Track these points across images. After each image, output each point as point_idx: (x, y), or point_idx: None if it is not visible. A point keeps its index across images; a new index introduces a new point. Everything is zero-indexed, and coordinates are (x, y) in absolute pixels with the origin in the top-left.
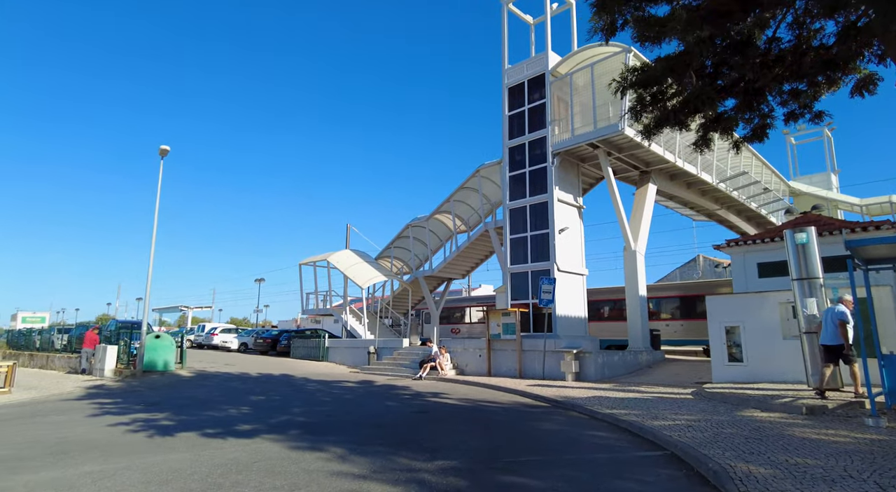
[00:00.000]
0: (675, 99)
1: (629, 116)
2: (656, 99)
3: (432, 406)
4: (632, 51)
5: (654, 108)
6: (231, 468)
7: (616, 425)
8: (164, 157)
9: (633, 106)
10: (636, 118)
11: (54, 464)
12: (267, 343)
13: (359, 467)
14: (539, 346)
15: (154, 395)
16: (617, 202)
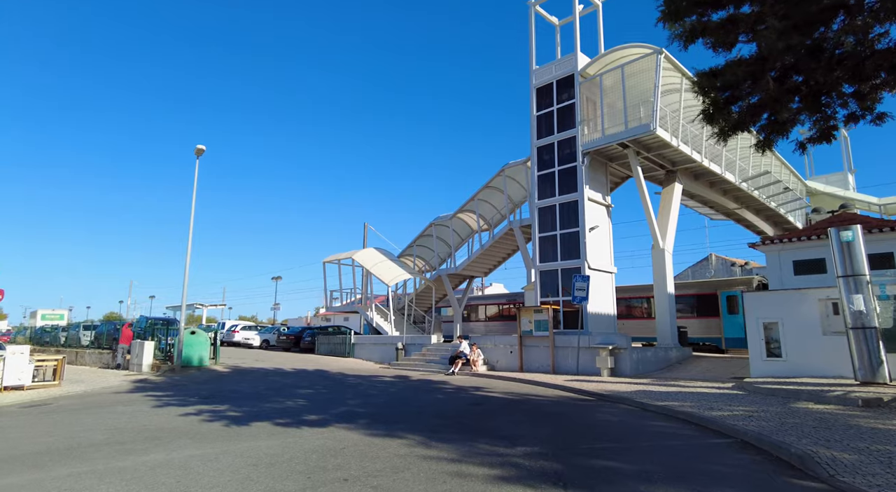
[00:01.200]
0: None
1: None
2: (729, 103)
3: (482, 399)
4: (663, 52)
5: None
6: (325, 453)
7: (673, 416)
8: (200, 156)
9: (706, 110)
10: (710, 122)
11: (155, 448)
12: (290, 340)
13: (447, 453)
14: (572, 342)
15: (202, 389)
16: (646, 201)
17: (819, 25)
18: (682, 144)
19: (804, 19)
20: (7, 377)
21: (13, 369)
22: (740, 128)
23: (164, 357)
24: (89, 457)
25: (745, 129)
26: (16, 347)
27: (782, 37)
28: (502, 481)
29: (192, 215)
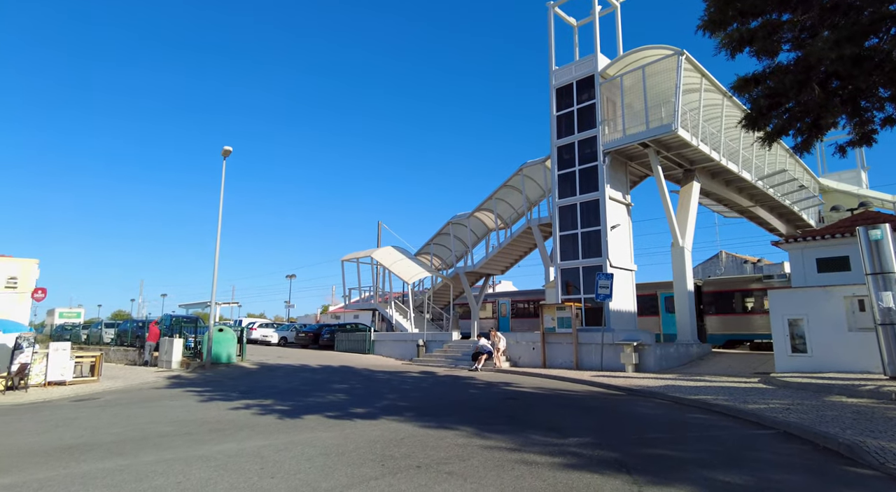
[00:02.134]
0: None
1: (746, 124)
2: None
3: (515, 394)
4: (684, 54)
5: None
6: (387, 443)
7: (711, 409)
8: (227, 157)
9: (750, 115)
10: (753, 127)
11: (224, 439)
12: (308, 337)
13: (504, 443)
14: (595, 339)
15: (239, 384)
16: (666, 200)
17: (869, 36)
18: (701, 144)
19: (856, 30)
20: (51, 373)
21: (56, 365)
22: (784, 132)
23: (191, 354)
24: (166, 445)
25: (788, 133)
26: (58, 344)
27: (835, 47)
28: (568, 468)
29: (219, 215)
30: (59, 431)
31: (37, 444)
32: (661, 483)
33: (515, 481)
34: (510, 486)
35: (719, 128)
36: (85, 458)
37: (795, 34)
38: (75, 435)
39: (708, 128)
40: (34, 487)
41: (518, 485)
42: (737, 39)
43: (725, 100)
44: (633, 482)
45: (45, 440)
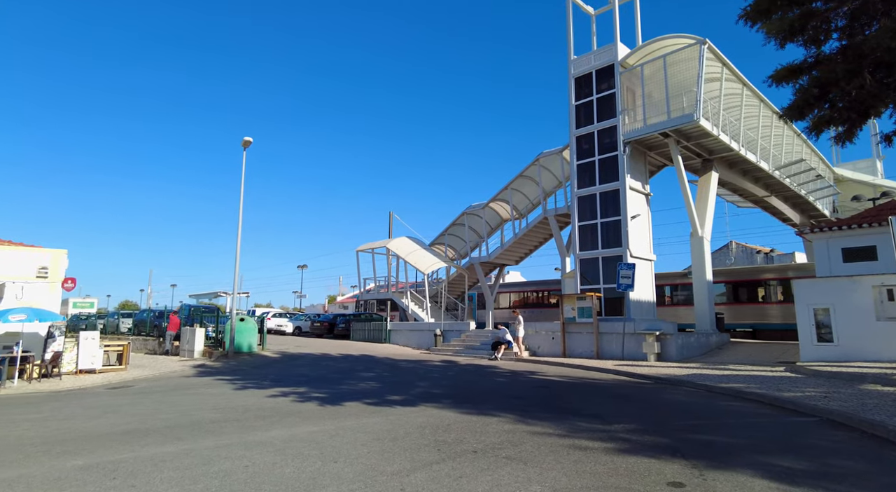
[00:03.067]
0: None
1: (790, 114)
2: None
3: (543, 382)
4: (707, 43)
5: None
6: (435, 429)
7: (745, 397)
8: (247, 148)
9: (797, 104)
10: (800, 117)
11: (272, 425)
12: (324, 327)
13: (550, 429)
14: (615, 328)
15: (267, 373)
16: (686, 190)
17: None
18: (722, 134)
19: None
20: (81, 361)
21: (86, 354)
22: (832, 122)
23: (212, 343)
24: (218, 431)
25: (836, 123)
26: (87, 333)
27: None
28: (623, 453)
29: (240, 206)
30: (109, 417)
31: (93, 428)
32: (721, 468)
33: (575, 465)
34: (571, 470)
35: (738, 117)
36: (146, 442)
37: (847, 23)
38: (126, 421)
39: (727, 117)
40: (108, 468)
41: (579, 469)
42: (787, 28)
43: (745, 89)
44: (692, 467)
45: (100, 425)
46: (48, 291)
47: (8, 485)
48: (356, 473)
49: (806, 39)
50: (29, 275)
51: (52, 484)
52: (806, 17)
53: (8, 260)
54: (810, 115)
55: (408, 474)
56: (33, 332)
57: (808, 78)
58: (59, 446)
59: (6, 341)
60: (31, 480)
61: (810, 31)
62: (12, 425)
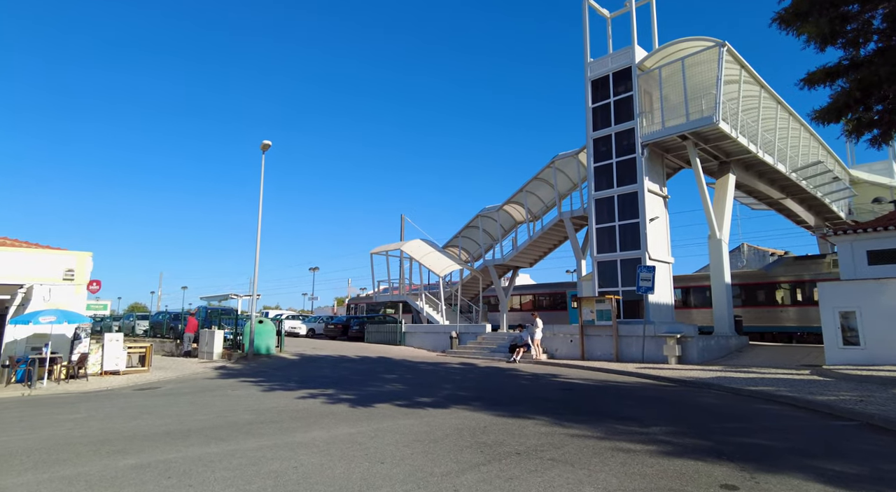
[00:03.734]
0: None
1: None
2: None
3: (568, 385)
4: (725, 45)
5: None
6: (473, 431)
7: (776, 400)
8: (266, 151)
9: (835, 106)
10: (837, 119)
11: (309, 426)
12: (338, 328)
13: (588, 431)
14: (636, 331)
15: (289, 374)
16: (704, 192)
17: None
18: (740, 136)
19: None
20: (106, 362)
21: (111, 355)
22: (874, 124)
23: (230, 345)
24: (258, 433)
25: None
26: (111, 335)
27: None
28: (667, 455)
29: (259, 209)
30: (146, 418)
31: (135, 429)
32: (771, 471)
33: (622, 468)
34: (619, 471)
35: (756, 119)
36: (189, 443)
37: (890, 25)
38: (164, 422)
39: (745, 119)
40: (161, 468)
41: (627, 471)
42: (828, 31)
43: (763, 92)
44: (740, 469)
45: (140, 426)
46: (74, 293)
47: (69, 482)
48: (406, 474)
49: (845, 42)
50: (56, 277)
51: (110, 482)
52: (844, 20)
53: (35, 262)
54: (845, 118)
55: (457, 475)
56: (60, 333)
57: (850, 80)
58: (106, 446)
59: (35, 343)
60: (89, 478)
61: (850, 34)
62: (57, 424)
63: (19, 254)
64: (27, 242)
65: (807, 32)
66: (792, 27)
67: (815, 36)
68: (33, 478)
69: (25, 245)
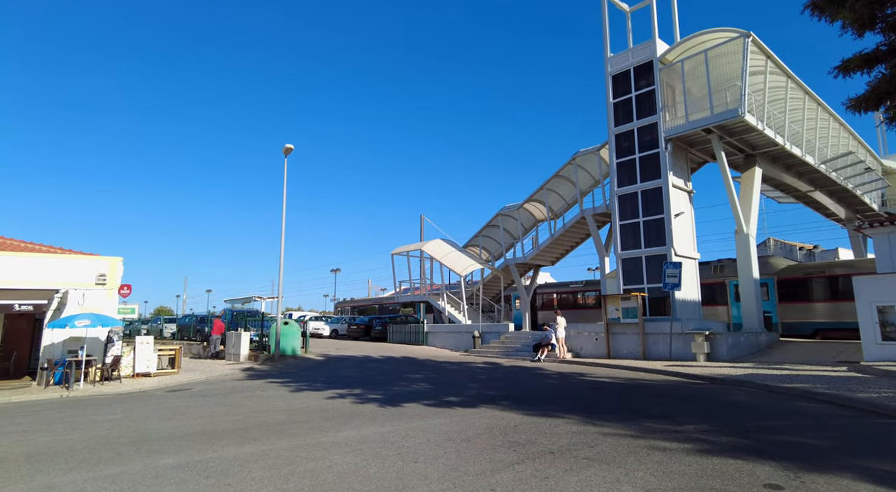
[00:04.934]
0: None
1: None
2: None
3: (595, 383)
4: (751, 36)
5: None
6: (504, 430)
7: (814, 398)
8: (288, 155)
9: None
10: (876, 105)
11: (340, 426)
12: (361, 329)
13: (621, 430)
14: (662, 329)
15: (316, 375)
16: (730, 187)
17: None
18: (766, 128)
19: None
20: (138, 365)
21: (142, 358)
22: None
23: (256, 347)
24: (290, 433)
25: None
26: (142, 338)
27: None
28: (706, 453)
29: (283, 213)
30: (180, 418)
31: (171, 429)
32: (816, 471)
33: (659, 466)
34: (657, 470)
35: (783, 110)
36: (224, 443)
37: None
38: (198, 423)
39: (772, 111)
40: (199, 467)
41: (665, 470)
42: (866, 16)
43: (790, 82)
44: (784, 469)
45: (175, 426)
46: (106, 298)
47: (112, 481)
48: (441, 473)
49: (884, 27)
50: (88, 282)
51: (152, 481)
52: (882, 3)
53: (70, 268)
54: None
55: (491, 474)
56: (94, 337)
57: (890, 66)
58: (145, 446)
59: (71, 346)
60: (132, 477)
61: (890, 18)
62: (96, 425)
63: (55, 260)
64: (61, 247)
65: (843, 18)
66: (826, 13)
67: (853, 21)
68: (79, 477)
69: (60, 251)
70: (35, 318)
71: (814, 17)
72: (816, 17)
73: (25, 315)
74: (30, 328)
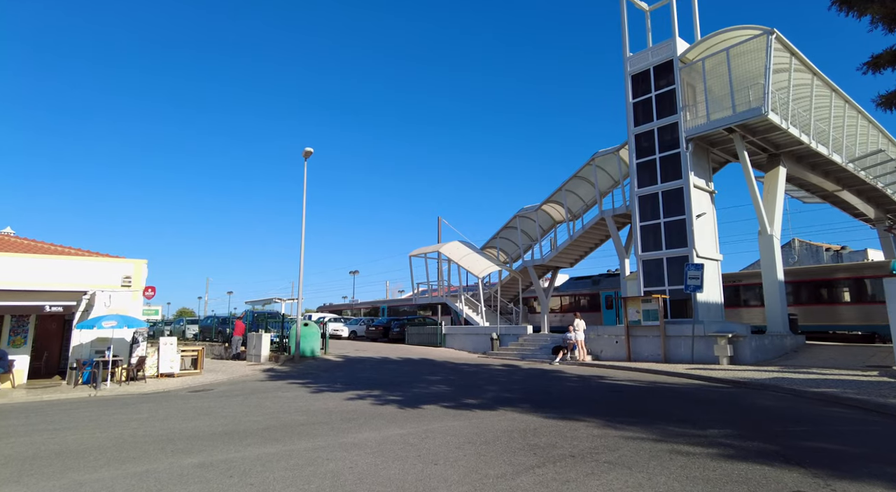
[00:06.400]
0: None
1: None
2: None
3: (616, 386)
4: (775, 33)
5: None
6: (524, 433)
7: (843, 403)
8: (308, 158)
9: None
10: None
11: (361, 427)
12: (379, 331)
13: (643, 434)
14: (684, 331)
15: (335, 376)
16: (753, 187)
17: None
18: (791, 127)
19: None
20: (162, 365)
21: (166, 358)
22: None
23: (276, 348)
24: (310, 433)
25: None
26: (166, 339)
27: None
28: (730, 458)
29: (303, 216)
30: (204, 419)
31: (194, 429)
32: (846, 478)
33: (683, 471)
34: (681, 475)
35: (808, 108)
36: (247, 443)
37: None
38: (221, 423)
39: (796, 109)
40: (223, 467)
41: (688, 474)
42: None
43: (815, 79)
44: (813, 476)
45: (199, 426)
46: (131, 299)
47: (140, 479)
48: (461, 475)
49: None
50: (114, 283)
51: (178, 480)
52: None
53: (97, 270)
54: None
55: (512, 477)
56: (120, 337)
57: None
58: (170, 445)
59: (98, 346)
60: (158, 475)
61: None
62: (123, 424)
63: (83, 262)
64: (88, 250)
65: (872, 13)
66: (854, 8)
67: (883, 16)
68: (108, 474)
69: (87, 254)
70: (64, 319)
71: (841, 12)
72: (844, 12)
73: (55, 316)
74: (59, 329)
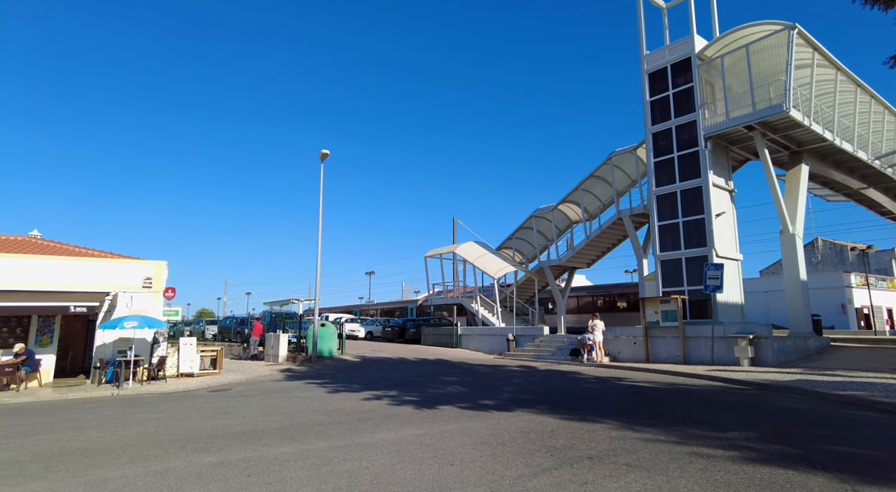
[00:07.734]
0: None
1: None
2: None
3: (634, 388)
4: (796, 28)
5: None
6: (540, 434)
7: (871, 406)
8: (325, 160)
9: None
10: None
11: (377, 427)
12: (395, 331)
13: (661, 436)
14: (703, 332)
15: (352, 377)
16: (774, 185)
17: None
18: (813, 123)
19: None
20: (182, 365)
21: (185, 358)
22: None
23: (294, 348)
24: (327, 433)
25: None
26: (186, 339)
27: None
28: (752, 462)
29: (320, 216)
30: (222, 418)
31: (213, 428)
32: (875, 484)
33: (703, 474)
34: (701, 478)
35: (831, 105)
36: (265, 443)
37: None
38: (239, 422)
39: (819, 105)
40: (240, 465)
41: (709, 478)
42: None
43: (839, 74)
44: (840, 481)
45: (217, 426)
46: (152, 300)
47: (160, 477)
48: (478, 476)
49: None
50: (136, 285)
51: (197, 478)
52: None
53: (119, 271)
54: None
55: (529, 478)
56: (141, 338)
57: None
58: (189, 444)
59: (120, 346)
60: (177, 473)
61: None
62: (144, 423)
63: (106, 264)
64: (111, 252)
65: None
66: (880, 2)
67: None
68: (130, 472)
69: (110, 255)
70: (88, 319)
71: (866, 6)
72: (869, 6)
73: (80, 316)
74: (84, 329)
